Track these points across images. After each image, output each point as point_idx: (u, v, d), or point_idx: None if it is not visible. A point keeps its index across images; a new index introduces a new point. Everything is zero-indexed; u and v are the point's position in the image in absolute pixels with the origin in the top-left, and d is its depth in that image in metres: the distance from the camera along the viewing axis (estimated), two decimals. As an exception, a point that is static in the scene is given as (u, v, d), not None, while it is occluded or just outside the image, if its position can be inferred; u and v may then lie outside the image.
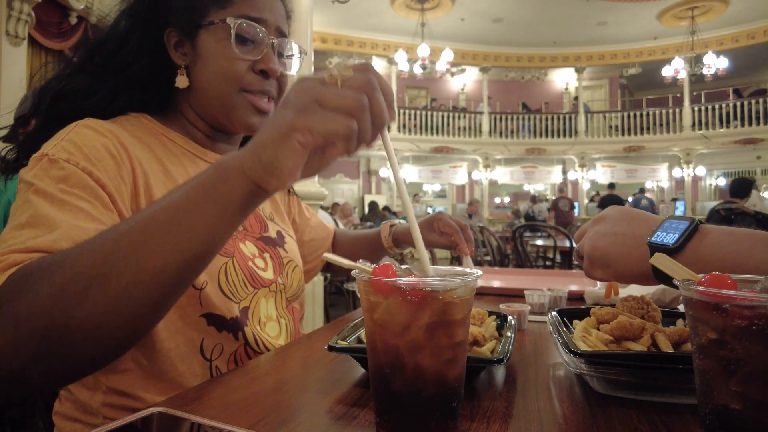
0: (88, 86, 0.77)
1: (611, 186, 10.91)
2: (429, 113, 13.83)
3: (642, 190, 11.21)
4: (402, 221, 1.15)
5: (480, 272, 0.47)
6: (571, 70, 14.25)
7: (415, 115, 13.71)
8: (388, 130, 0.50)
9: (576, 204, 13.43)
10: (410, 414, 0.44)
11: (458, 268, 0.50)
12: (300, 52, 0.88)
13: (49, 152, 0.65)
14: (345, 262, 0.49)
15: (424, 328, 0.43)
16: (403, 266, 0.50)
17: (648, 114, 13.50)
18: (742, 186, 4.61)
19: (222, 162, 0.50)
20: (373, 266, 0.47)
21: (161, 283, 0.49)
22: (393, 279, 0.44)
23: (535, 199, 12.21)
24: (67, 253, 0.49)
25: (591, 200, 13.60)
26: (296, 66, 0.89)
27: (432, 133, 13.65)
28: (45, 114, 0.76)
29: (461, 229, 1.06)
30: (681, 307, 0.93)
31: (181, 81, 0.80)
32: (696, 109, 12.91)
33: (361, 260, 0.49)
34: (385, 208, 10.41)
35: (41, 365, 0.47)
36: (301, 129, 0.45)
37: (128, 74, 0.78)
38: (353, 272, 0.47)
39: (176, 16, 0.80)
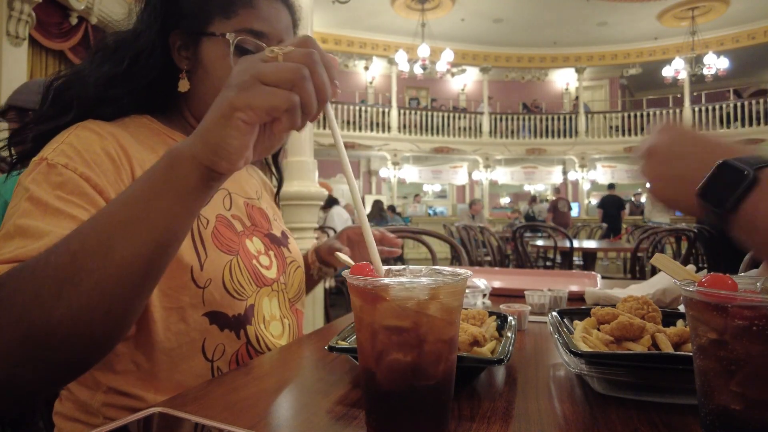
0: (116, 92, 0.77)
1: (611, 186, 10.91)
2: (429, 113, 13.83)
3: (639, 193, 11.24)
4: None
5: (470, 272, 0.46)
6: (572, 70, 14.25)
7: (416, 115, 13.73)
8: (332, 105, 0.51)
9: (577, 204, 13.44)
10: (396, 414, 0.44)
11: (449, 269, 0.49)
12: None
13: (48, 156, 0.65)
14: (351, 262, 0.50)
15: (406, 328, 0.43)
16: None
17: (648, 114, 13.49)
18: None
19: (172, 150, 0.50)
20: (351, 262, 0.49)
21: (131, 274, 0.49)
22: (367, 279, 0.44)
23: (535, 199, 12.21)
24: (36, 259, 0.49)
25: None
26: None
27: (432, 134, 13.66)
28: (76, 118, 0.74)
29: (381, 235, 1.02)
30: (681, 308, 0.93)
31: (183, 85, 0.81)
32: (696, 109, 12.90)
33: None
34: (390, 207, 10.41)
35: (27, 371, 0.47)
36: (242, 107, 0.46)
37: (150, 78, 0.78)
38: (344, 273, 0.47)
39: (181, 18, 0.79)
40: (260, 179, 1.06)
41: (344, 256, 0.55)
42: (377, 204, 8.86)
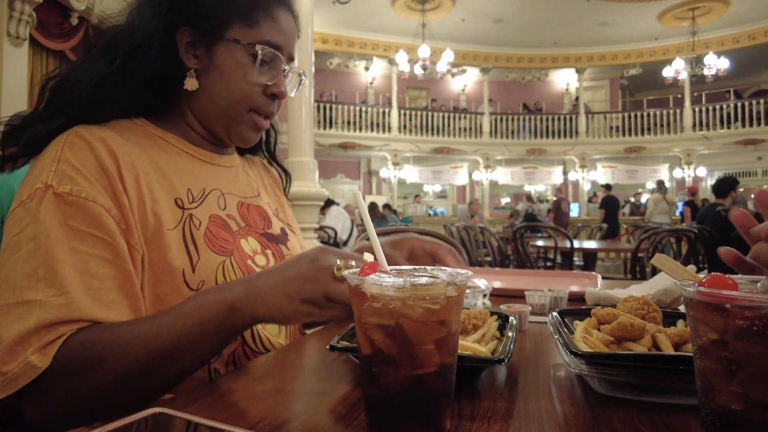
0: (115, 92, 0.75)
1: (608, 187, 10.85)
2: (429, 114, 13.83)
3: (639, 193, 11.19)
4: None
5: (470, 272, 0.46)
6: (572, 70, 14.24)
7: (416, 115, 13.73)
8: None
9: (578, 205, 13.43)
10: (395, 414, 0.44)
11: (444, 270, 0.49)
12: (302, 75, 0.90)
13: (53, 183, 0.64)
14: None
15: (391, 327, 0.43)
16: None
17: (649, 115, 13.49)
18: (721, 186, 4.79)
19: (235, 304, 0.63)
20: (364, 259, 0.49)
21: (182, 377, 0.65)
22: (361, 278, 0.44)
23: (532, 198, 12.22)
24: (109, 350, 0.60)
25: (589, 201, 13.60)
26: (296, 88, 0.91)
27: (433, 134, 13.66)
28: (69, 121, 0.73)
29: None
30: (682, 308, 0.93)
31: (191, 84, 0.80)
32: (697, 109, 12.90)
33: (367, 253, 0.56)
34: (386, 206, 10.42)
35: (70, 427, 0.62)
36: (313, 315, 0.63)
37: (149, 76, 0.76)
38: (345, 272, 0.47)
39: (195, 17, 0.78)
40: (264, 174, 1.06)
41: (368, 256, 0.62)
42: (373, 206, 8.93)
